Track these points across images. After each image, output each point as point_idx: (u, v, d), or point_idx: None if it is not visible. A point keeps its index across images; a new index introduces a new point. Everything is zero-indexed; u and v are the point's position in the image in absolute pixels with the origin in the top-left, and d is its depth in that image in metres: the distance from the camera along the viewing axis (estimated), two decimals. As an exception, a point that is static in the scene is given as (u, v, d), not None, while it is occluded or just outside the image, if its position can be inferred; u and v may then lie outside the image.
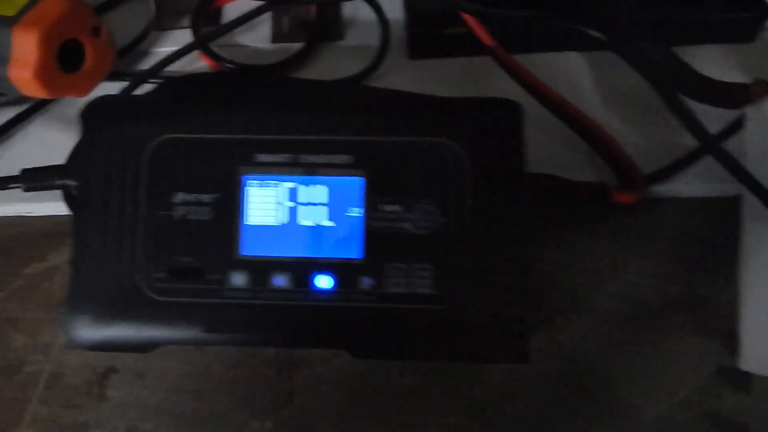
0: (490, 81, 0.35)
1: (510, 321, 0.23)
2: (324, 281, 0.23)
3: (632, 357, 0.27)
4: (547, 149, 0.32)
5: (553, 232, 0.30)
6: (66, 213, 0.31)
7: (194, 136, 0.23)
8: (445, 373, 0.27)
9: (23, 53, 0.29)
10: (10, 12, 0.29)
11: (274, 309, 0.23)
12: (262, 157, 0.23)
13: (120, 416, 0.27)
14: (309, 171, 0.23)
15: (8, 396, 0.27)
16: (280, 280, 0.23)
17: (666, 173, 0.31)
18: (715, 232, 0.30)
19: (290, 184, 0.23)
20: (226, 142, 0.23)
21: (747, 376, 0.26)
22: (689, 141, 0.30)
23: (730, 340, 0.27)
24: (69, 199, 0.30)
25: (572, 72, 0.35)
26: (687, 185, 0.31)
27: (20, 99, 0.35)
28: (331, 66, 0.36)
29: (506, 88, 0.35)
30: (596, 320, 0.28)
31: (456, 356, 0.23)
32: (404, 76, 0.35)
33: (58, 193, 0.30)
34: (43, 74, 0.29)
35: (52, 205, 0.31)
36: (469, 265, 0.23)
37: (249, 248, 0.23)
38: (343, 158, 0.23)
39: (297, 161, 0.23)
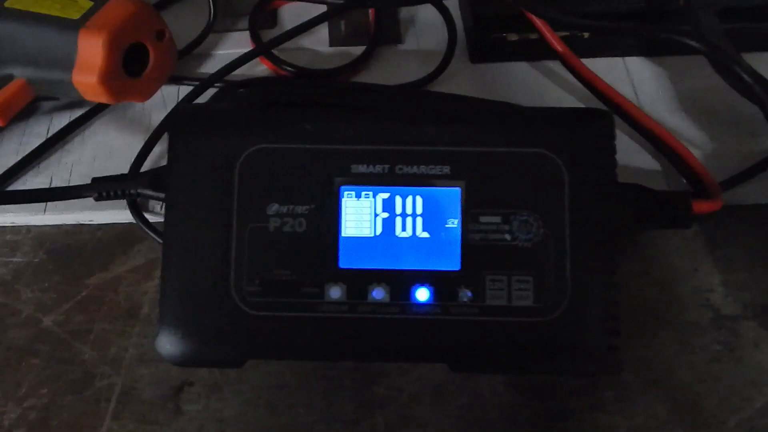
0: (551, 87, 0.35)
1: (606, 333, 0.23)
2: (422, 294, 0.22)
3: (709, 365, 0.28)
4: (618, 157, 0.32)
5: (626, 240, 0.30)
6: (127, 221, 0.31)
7: (287, 146, 0.23)
8: (529, 385, 0.27)
9: (88, 58, 0.28)
10: (75, 15, 0.28)
11: (373, 322, 0.22)
12: (359, 168, 0.23)
13: (197, 430, 0.26)
14: (405, 181, 0.23)
15: (80, 411, 0.27)
16: (379, 293, 0.22)
17: (736, 180, 0.31)
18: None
19: (386, 195, 0.23)
20: (321, 153, 0.23)
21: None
22: (757, 147, 0.30)
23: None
24: (134, 208, 0.29)
25: (635, 78, 0.35)
26: (757, 192, 0.31)
27: (74, 103, 0.34)
28: (392, 70, 0.35)
29: (567, 94, 0.35)
30: (671, 328, 0.28)
31: (553, 369, 0.23)
32: (466, 80, 0.35)
33: (119, 200, 0.29)
34: (108, 79, 0.29)
35: (113, 213, 0.31)
36: (568, 277, 0.23)
37: (347, 261, 0.22)
38: (440, 169, 0.23)
39: (393, 172, 0.23)
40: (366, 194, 0.23)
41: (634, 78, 0.36)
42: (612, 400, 0.26)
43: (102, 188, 0.26)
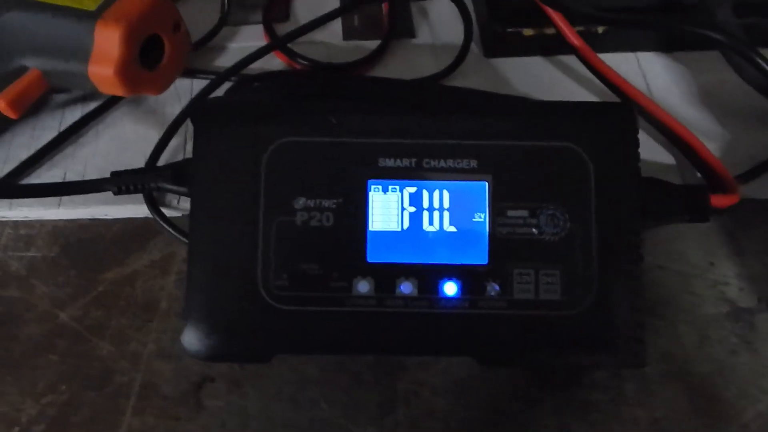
0: (565, 81, 0.35)
1: (632, 325, 0.23)
2: (450, 287, 0.22)
3: (726, 357, 0.28)
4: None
5: (645, 234, 0.30)
6: (143, 215, 0.31)
7: (314, 139, 0.23)
8: (550, 378, 0.27)
9: (105, 49, 0.28)
10: (92, 6, 0.28)
11: (401, 316, 0.22)
12: (386, 162, 0.23)
13: (219, 426, 0.26)
14: (433, 175, 0.23)
15: (100, 407, 0.26)
16: (407, 287, 0.22)
17: (751, 175, 0.31)
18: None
19: (413, 189, 0.23)
20: (347, 146, 0.23)
21: None
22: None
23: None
24: (151, 202, 0.29)
25: (648, 73, 0.35)
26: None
27: (86, 96, 0.34)
28: (406, 64, 0.35)
29: (582, 88, 0.35)
30: (689, 321, 0.29)
31: (580, 362, 0.23)
32: (480, 75, 0.35)
33: (135, 195, 0.29)
34: (124, 71, 0.28)
35: (129, 208, 0.30)
36: (595, 271, 0.23)
37: (375, 255, 0.22)
38: (467, 162, 0.23)
39: (420, 166, 0.23)
40: (393, 188, 0.23)
41: (647, 73, 0.36)
42: (633, 392, 0.27)
43: (122, 182, 0.26)
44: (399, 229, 0.23)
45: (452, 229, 0.23)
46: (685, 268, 0.30)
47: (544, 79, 0.35)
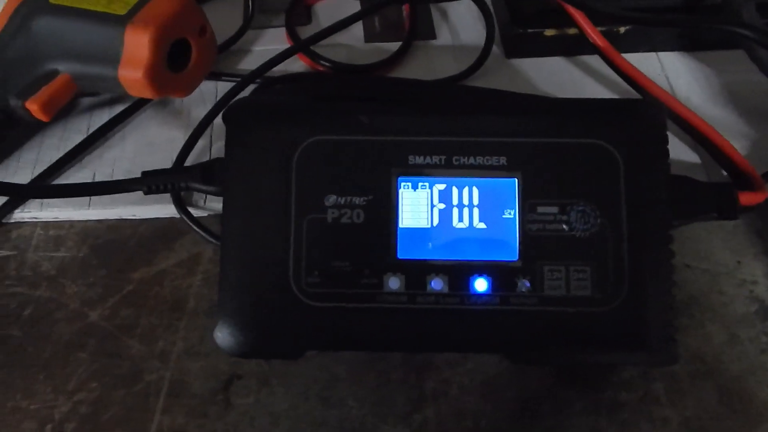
0: (587, 81, 0.35)
1: (663, 323, 0.23)
2: (481, 284, 0.22)
3: (758, 357, 0.28)
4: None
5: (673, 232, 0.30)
6: (169, 215, 0.31)
7: (344, 137, 0.23)
8: (579, 376, 0.27)
9: (135, 53, 0.28)
10: (122, 11, 0.28)
11: (432, 313, 0.22)
12: (415, 159, 0.23)
13: (248, 424, 0.26)
14: (462, 173, 0.23)
15: (130, 405, 0.27)
16: (437, 284, 0.22)
17: None
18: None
19: (443, 186, 0.23)
20: (377, 144, 0.23)
21: None
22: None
23: None
24: (179, 202, 0.29)
25: (669, 73, 0.35)
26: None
27: (113, 99, 0.34)
28: (427, 66, 0.35)
29: (604, 88, 0.35)
30: (719, 320, 0.28)
31: (612, 360, 0.23)
32: (502, 75, 0.35)
33: (162, 195, 0.29)
34: (153, 75, 0.29)
35: (157, 208, 0.31)
36: (626, 268, 0.23)
37: (405, 251, 0.22)
38: (496, 159, 0.23)
39: (450, 163, 0.23)
40: (423, 185, 0.23)
41: (669, 73, 0.36)
42: (663, 392, 0.27)
43: (152, 182, 0.26)
44: (429, 226, 0.23)
45: (482, 225, 0.23)
46: (713, 267, 0.30)
47: (565, 80, 0.35)
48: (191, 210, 0.30)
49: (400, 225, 0.23)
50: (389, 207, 0.23)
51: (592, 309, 0.22)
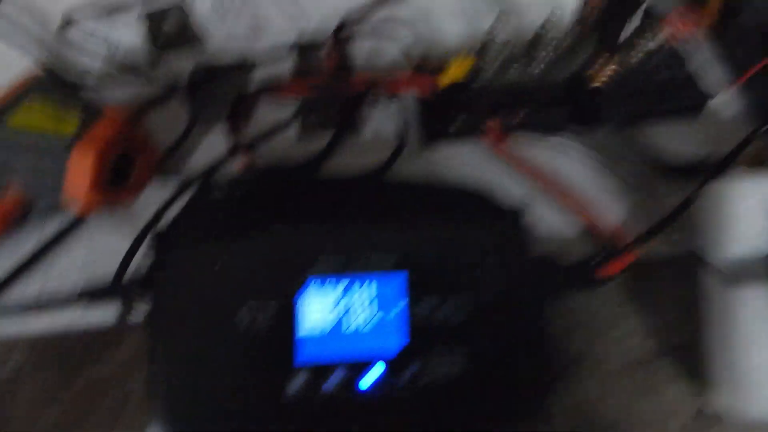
0: (492, 161, 0.40)
1: (529, 384, 0.27)
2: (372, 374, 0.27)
3: (630, 403, 0.32)
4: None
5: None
6: (112, 323, 0.33)
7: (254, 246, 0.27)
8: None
9: (78, 173, 0.32)
10: (68, 132, 0.32)
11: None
12: (320, 264, 0.27)
13: None
14: (360, 271, 0.27)
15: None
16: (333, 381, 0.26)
17: (644, 237, 0.34)
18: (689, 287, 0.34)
19: (345, 283, 0.27)
20: (286, 250, 0.27)
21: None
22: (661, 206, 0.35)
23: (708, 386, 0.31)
24: (119, 311, 0.32)
25: (558, 154, 0.40)
26: (664, 246, 0.36)
27: (62, 211, 0.36)
28: (353, 158, 0.39)
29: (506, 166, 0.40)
30: (598, 374, 0.32)
31: (494, 426, 0.27)
32: (417, 163, 0.39)
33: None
34: (96, 193, 0.32)
35: (100, 315, 0.33)
36: (500, 345, 0.27)
37: (303, 357, 0.26)
38: (389, 256, 0.27)
39: (349, 264, 0.27)
40: (327, 287, 0.27)
41: (557, 154, 0.40)
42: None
43: (89, 299, 0.30)
44: (331, 325, 0.27)
45: (379, 315, 0.27)
46: (589, 327, 0.34)
47: (474, 161, 0.40)
48: (132, 317, 0.32)
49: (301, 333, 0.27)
50: (294, 312, 0.26)
51: (473, 384, 0.27)
